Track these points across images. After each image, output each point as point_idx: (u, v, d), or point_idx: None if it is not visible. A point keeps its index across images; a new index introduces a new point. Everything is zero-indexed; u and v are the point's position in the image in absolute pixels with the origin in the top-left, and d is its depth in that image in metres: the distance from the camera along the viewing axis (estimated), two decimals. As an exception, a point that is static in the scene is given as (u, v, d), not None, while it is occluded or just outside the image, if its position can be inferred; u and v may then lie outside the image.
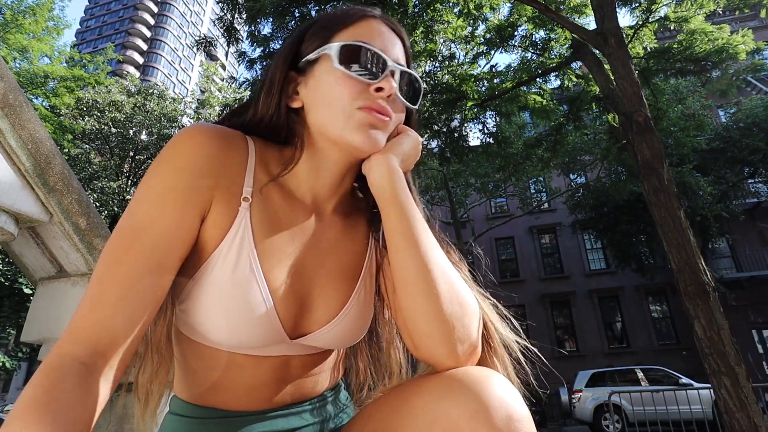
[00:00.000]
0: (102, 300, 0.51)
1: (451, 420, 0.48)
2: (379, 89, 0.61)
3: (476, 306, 0.60)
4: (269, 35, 7.58)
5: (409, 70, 0.66)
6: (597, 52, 6.39)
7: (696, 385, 9.07)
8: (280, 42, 7.34)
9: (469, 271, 0.68)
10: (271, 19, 7.10)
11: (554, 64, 8.02)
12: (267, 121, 0.67)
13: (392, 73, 0.63)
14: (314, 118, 0.64)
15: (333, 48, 0.62)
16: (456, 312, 0.57)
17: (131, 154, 17.69)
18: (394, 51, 0.65)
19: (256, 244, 0.61)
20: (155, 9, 67.90)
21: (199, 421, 0.64)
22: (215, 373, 0.64)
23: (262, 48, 7.74)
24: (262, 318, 0.60)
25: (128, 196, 15.83)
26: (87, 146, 17.21)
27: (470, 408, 0.47)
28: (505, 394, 0.49)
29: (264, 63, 7.73)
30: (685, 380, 10.12)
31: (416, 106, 0.69)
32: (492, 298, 0.67)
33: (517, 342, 0.65)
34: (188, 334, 0.64)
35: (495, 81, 8.37)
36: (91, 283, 0.53)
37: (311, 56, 0.64)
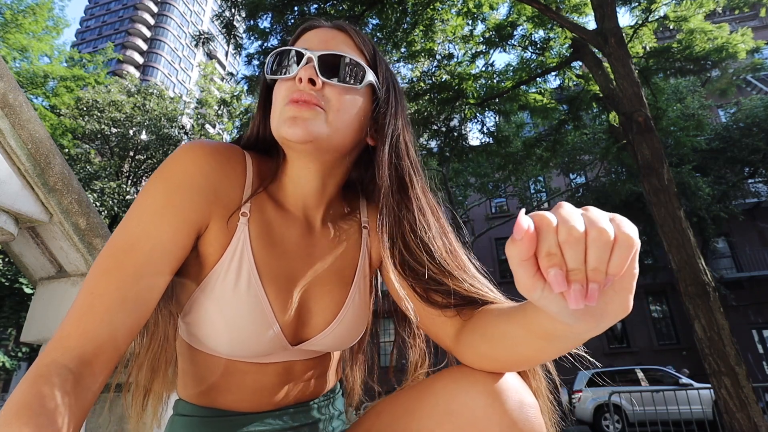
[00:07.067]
0: (90, 311, 0.52)
1: (467, 405, 0.50)
2: (300, 80, 0.62)
3: None
4: (268, 29, 7.52)
5: (333, 52, 0.63)
6: (597, 51, 6.38)
7: (696, 385, 9.06)
8: (278, 37, 7.29)
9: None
10: (271, 15, 7.07)
11: (554, 64, 8.01)
12: (259, 136, 0.71)
13: (311, 60, 0.62)
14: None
15: (267, 63, 0.67)
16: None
17: (131, 154, 17.67)
18: (323, 42, 0.65)
19: (255, 259, 0.62)
20: (155, 9, 67.78)
21: (203, 421, 0.65)
22: (220, 378, 0.65)
23: (260, 42, 7.70)
24: (265, 330, 0.62)
25: (128, 197, 15.81)
26: (87, 146, 17.19)
27: (485, 393, 0.51)
28: (516, 383, 0.54)
29: (262, 58, 7.68)
30: (685, 380, 10.11)
31: (361, 84, 0.65)
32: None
33: None
34: (193, 344, 0.66)
35: (494, 80, 8.36)
36: (81, 292, 0.53)
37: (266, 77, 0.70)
